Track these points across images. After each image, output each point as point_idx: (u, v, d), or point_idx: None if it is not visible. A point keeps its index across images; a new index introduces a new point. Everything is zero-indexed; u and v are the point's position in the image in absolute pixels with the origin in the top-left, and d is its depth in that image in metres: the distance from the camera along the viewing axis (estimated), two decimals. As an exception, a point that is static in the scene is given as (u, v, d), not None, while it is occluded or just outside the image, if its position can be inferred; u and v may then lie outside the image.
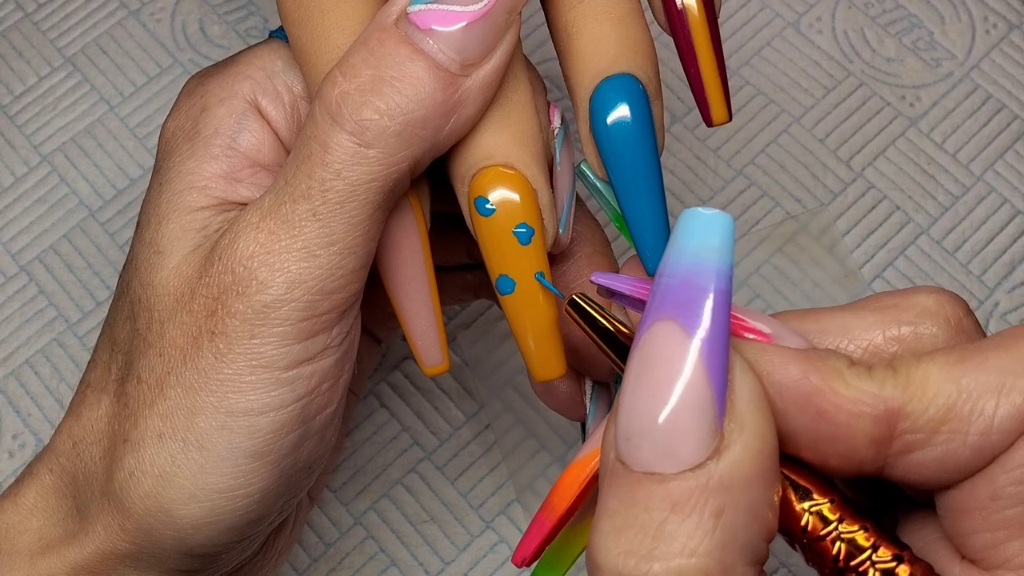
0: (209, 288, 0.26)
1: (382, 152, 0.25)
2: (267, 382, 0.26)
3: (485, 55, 0.25)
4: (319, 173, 0.25)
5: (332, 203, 0.25)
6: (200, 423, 0.26)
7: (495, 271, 0.27)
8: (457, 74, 0.25)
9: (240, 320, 0.25)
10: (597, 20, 0.26)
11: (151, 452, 0.26)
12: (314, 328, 0.26)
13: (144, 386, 0.27)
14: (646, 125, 0.26)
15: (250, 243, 0.25)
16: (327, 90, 0.25)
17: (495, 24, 0.25)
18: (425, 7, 0.25)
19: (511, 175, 0.26)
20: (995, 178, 0.42)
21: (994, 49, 0.45)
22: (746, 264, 0.41)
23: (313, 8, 0.26)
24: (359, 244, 0.25)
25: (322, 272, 0.25)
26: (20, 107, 0.45)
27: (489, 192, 0.26)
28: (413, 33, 0.25)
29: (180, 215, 0.27)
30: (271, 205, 0.26)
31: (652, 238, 0.27)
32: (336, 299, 0.26)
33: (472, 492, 0.38)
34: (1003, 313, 0.40)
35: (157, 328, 0.27)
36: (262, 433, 0.26)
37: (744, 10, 0.46)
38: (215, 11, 0.46)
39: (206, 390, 0.26)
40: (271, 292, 0.25)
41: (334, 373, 0.27)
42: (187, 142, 0.28)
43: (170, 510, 0.26)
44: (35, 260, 0.42)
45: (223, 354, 0.26)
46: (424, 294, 0.28)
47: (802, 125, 0.44)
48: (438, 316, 0.28)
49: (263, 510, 0.27)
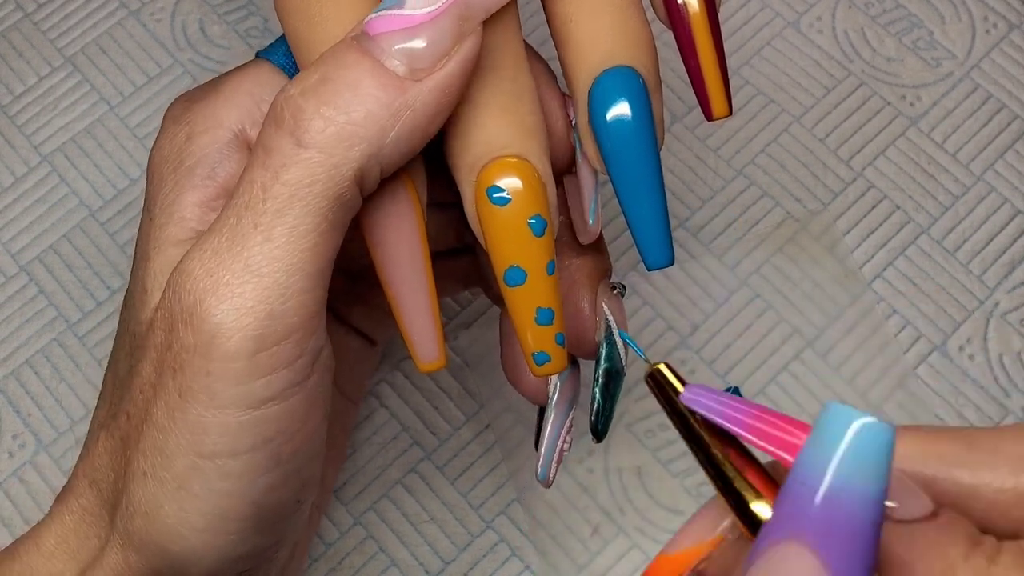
0: (164, 319, 0.25)
1: (320, 152, 0.24)
2: (230, 424, 0.24)
3: (436, 61, 0.24)
4: (260, 176, 0.24)
5: (272, 211, 0.24)
6: (176, 463, 0.25)
7: (505, 262, 0.26)
8: (405, 78, 0.24)
9: (193, 354, 0.24)
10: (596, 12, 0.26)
11: (139, 490, 0.26)
12: (272, 363, 0.24)
13: (132, 423, 0.26)
14: (645, 118, 0.26)
15: (195, 266, 0.24)
16: (276, 97, 0.25)
17: (445, 30, 0.24)
18: (376, 14, 0.24)
19: (525, 166, 0.25)
20: (995, 178, 0.42)
21: (994, 49, 0.45)
22: (746, 264, 0.41)
23: None
24: (306, 260, 0.24)
25: (268, 293, 0.24)
26: (20, 107, 0.45)
27: (503, 182, 0.25)
28: (364, 40, 0.24)
29: (163, 250, 0.27)
30: (218, 223, 0.25)
31: (652, 233, 0.27)
32: (288, 324, 0.24)
33: (472, 492, 0.38)
34: (1003, 313, 0.40)
35: (138, 366, 0.26)
36: (233, 476, 0.25)
37: (744, 10, 0.46)
38: (215, 11, 0.46)
39: (175, 431, 0.25)
40: (216, 319, 0.24)
41: (302, 413, 0.25)
42: (172, 173, 0.28)
43: (161, 545, 0.26)
44: (35, 260, 0.42)
45: (184, 392, 0.24)
46: (421, 287, 0.27)
47: (802, 125, 0.44)
48: (435, 310, 0.27)
49: (250, 546, 0.26)
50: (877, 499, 0.17)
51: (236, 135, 0.28)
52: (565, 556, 0.37)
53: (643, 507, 0.38)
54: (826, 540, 0.17)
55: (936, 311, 0.40)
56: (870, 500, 0.17)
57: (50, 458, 0.39)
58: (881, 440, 0.17)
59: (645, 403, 0.39)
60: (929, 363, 0.40)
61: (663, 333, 0.40)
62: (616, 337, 0.30)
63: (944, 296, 0.41)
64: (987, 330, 0.40)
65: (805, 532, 0.17)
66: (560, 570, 0.37)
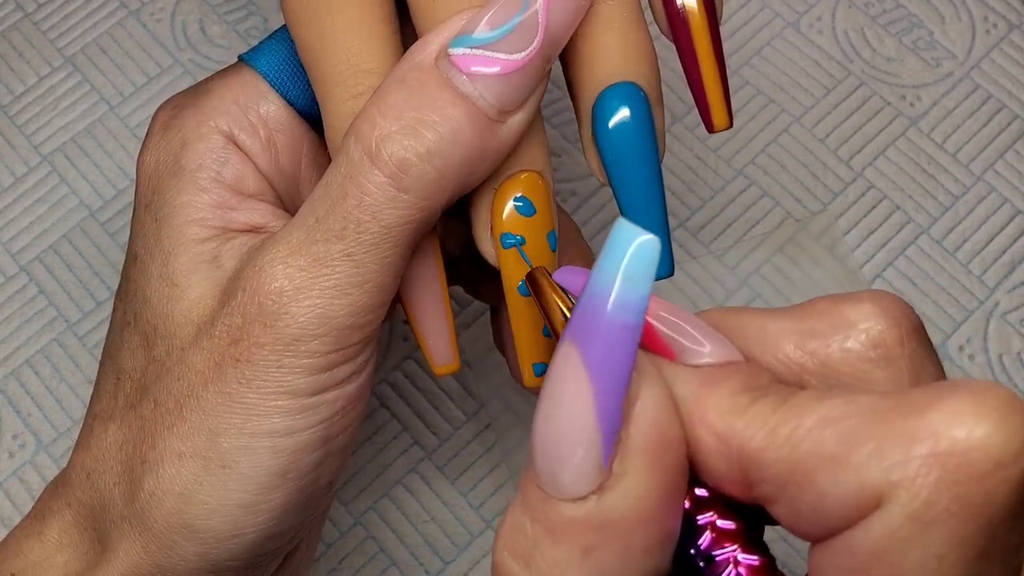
0: (232, 317, 0.26)
1: (418, 196, 0.25)
2: (292, 407, 0.26)
3: (522, 102, 0.25)
4: (355, 215, 0.25)
5: (367, 244, 0.25)
6: (223, 443, 0.26)
7: (519, 275, 0.27)
8: (494, 120, 0.25)
9: (268, 350, 0.26)
10: (600, 29, 0.26)
11: (171, 471, 0.26)
12: (341, 358, 0.26)
13: (161, 409, 0.27)
14: (647, 131, 0.26)
15: (279, 277, 0.26)
16: (366, 130, 0.25)
17: (535, 72, 0.25)
18: (470, 51, 0.25)
19: (545, 183, 0.26)
20: (995, 178, 0.42)
21: (994, 49, 0.45)
22: (746, 264, 0.41)
23: (320, 9, 0.26)
24: (389, 283, 0.26)
25: (352, 309, 0.26)
26: (20, 107, 0.45)
27: (530, 194, 0.26)
28: (455, 76, 0.25)
29: (188, 248, 0.27)
30: (300, 242, 0.26)
31: None
32: (364, 332, 0.26)
33: (472, 492, 0.38)
34: (1003, 313, 0.40)
35: (177, 355, 0.27)
36: (285, 453, 0.26)
37: (744, 10, 0.46)
38: (215, 11, 0.46)
39: (230, 412, 0.26)
40: (302, 327, 0.25)
41: (356, 395, 0.27)
42: (173, 177, 0.28)
43: (193, 525, 0.26)
44: (35, 260, 0.42)
45: (248, 380, 0.26)
46: (436, 293, 0.28)
47: (802, 125, 0.44)
48: (449, 315, 0.28)
49: (284, 525, 0.27)
50: (636, 305, 0.18)
51: (227, 139, 0.28)
52: (565, 556, 0.37)
53: (643, 507, 0.38)
54: (586, 337, 0.18)
55: (936, 311, 0.40)
56: (630, 306, 0.18)
57: (50, 458, 0.39)
58: (645, 251, 0.18)
59: (645, 403, 0.39)
60: (929, 363, 0.40)
61: (663, 333, 0.40)
62: None
63: (944, 296, 0.41)
64: (987, 330, 0.40)
65: (572, 331, 0.19)
66: (560, 570, 0.37)
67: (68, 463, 0.29)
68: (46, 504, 0.29)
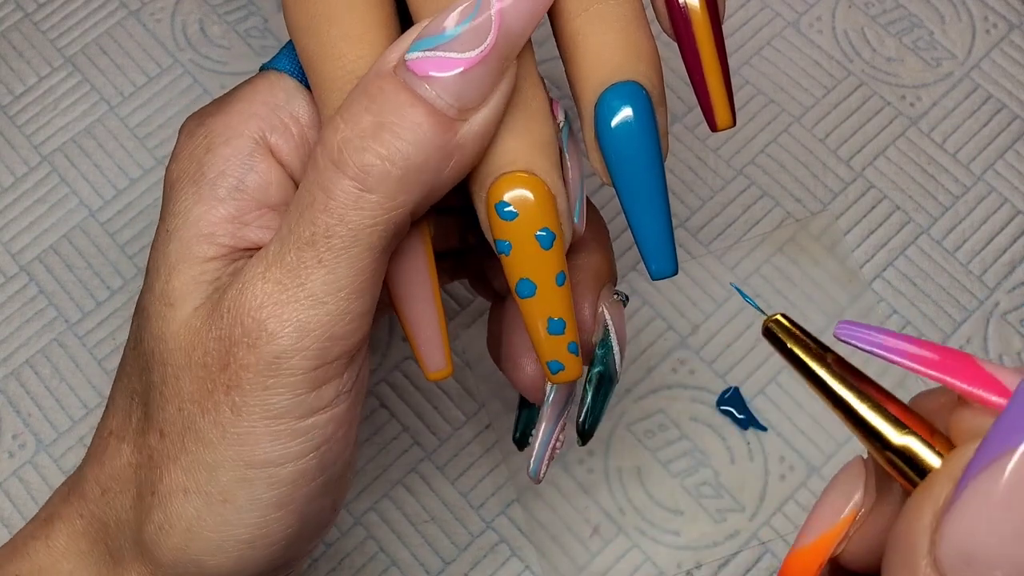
0: (220, 341, 0.26)
1: (383, 197, 0.25)
2: (283, 433, 0.26)
3: (483, 99, 0.25)
4: (323, 219, 0.25)
5: (337, 249, 0.25)
6: (221, 477, 0.26)
7: (516, 275, 0.27)
8: (455, 119, 0.25)
9: (253, 372, 0.25)
10: (602, 28, 0.26)
11: (177, 506, 0.26)
12: (326, 375, 0.26)
13: (167, 441, 0.27)
14: (650, 131, 0.26)
15: (257, 294, 0.25)
16: (329, 136, 0.25)
17: (491, 69, 0.25)
18: (422, 54, 0.25)
19: (532, 180, 0.26)
20: (995, 178, 0.42)
21: (994, 49, 0.45)
22: (746, 264, 0.41)
23: (320, 17, 0.26)
24: (365, 288, 0.26)
25: (330, 319, 0.25)
26: (20, 107, 0.45)
27: (510, 197, 0.26)
28: (411, 80, 0.25)
29: (190, 266, 0.27)
30: (276, 254, 0.26)
31: (656, 242, 0.27)
32: (346, 344, 0.26)
33: (472, 492, 0.38)
34: (1003, 313, 0.40)
35: (173, 383, 0.27)
36: (283, 484, 0.26)
37: (744, 10, 0.46)
38: (215, 11, 0.46)
39: (224, 443, 0.26)
40: (281, 343, 0.25)
41: (348, 418, 0.27)
42: (192, 185, 0.28)
43: (199, 562, 0.26)
44: (35, 260, 0.42)
45: (238, 407, 0.26)
46: (428, 299, 0.28)
47: (802, 125, 0.44)
48: (442, 321, 0.28)
49: (291, 554, 0.28)
50: None
51: (257, 143, 0.28)
52: (565, 556, 0.37)
53: (643, 507, 0.38)
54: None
55: (936, 311, 0.40)
56: None
57: (50, 458, 0.39)
58: None
59: (645, 403, 0.39)
60: (929, 363, 0.40)
61: (663, 333, 0.40)
62: (613, 342, 0.30)
63: (944, 296, 0.41)
64: (987, 330, 0.40)
65: None
66: (560, 570, 0.37)
67: (80, 473, 0.29)
68: (56, 510, 0.29)
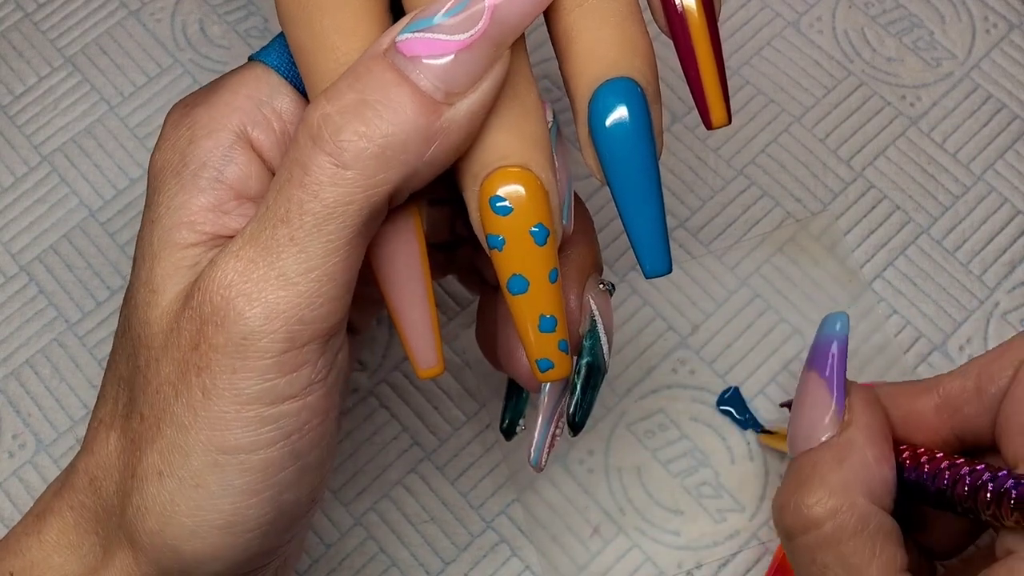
0: (191, 320, 0.26)
1: (360, 174, 0.24)
2: (252, 419, 0.25)
3: (471, 85, 0.25)
4: (297, 195, 0.25)
5: (309, 226, 0.25)
6: (193, 461, 0.26)
7: (508, 271, 0.26)
8: (441, 102, 0.24)
9: (221, 354, 0.25)
10: (596, 24, 0.26)
11: (153, 490, 0.26)
12: (297, 361, 0.25)
13: (146, 423, 0.26)
14: (645, 128, 0.26)
15: (228, 272, 0.25)
16: (310, 113, 0.25)
17: (481, 56, 0.24)
18: (411, 35, 0.24)
19: (527, 175, 0.26)
20: (995, 178, 0.42)
21: (994, 49, 0.45)
22: (746, 264, 0.41)
23: (313, 8, 0.26)
24: (338, 271, 0.25)
25: (300, 300, 0.25)
26: (20, 107, 0.45)
27: (505, 191, 0.26)
28: (399, 60, 0.24)
29: (171, 252, 0.27)
30: (251, 232, 0.25)
31: (649, 241, 0.27)
32: (317, 328, 0.25)
33: (472, 492, 0.38)
34: (1003, 313, 0.40)
35: (154, 365, 0.26)
36: (254, 471, 0.26)
37: (744, 10, 0.46)
38: (215, 11, 0.46)
39: (196, 427, 0.25)
40: (249, 323, 0.25)
41: (322, 408, 0.26)
42: (175, 176, 0.28)
43: (175, 546, 0.26)
44: (35, 260, 0.42)
45: (208, 390, 0.25)
46: (420, 296, 0.27)
47: (802, 125, 0.44)
48: (434, 318, 0.28)
49: (269, 543, 0.27)
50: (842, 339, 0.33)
51: (238, 136, 0.28)
52: (565, 556, 0.37)
53: (643, 507, 0.38)
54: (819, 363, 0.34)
55: (936, 311, 0.40)
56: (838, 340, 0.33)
57: (50, 458, 0.39)
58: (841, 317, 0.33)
59: (645, 403, 0.39)
60: (929, 363, 0.40)
61: (663, 333, 0.40)
62: (600, 332, 0.30)
63: (944, 296, 0.41)
64: (987, 330, 0.40)
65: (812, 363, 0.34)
66: (560, 570, 0.37)
67: (72, 466, 0.29)
68: (47, 504, 0.29)
